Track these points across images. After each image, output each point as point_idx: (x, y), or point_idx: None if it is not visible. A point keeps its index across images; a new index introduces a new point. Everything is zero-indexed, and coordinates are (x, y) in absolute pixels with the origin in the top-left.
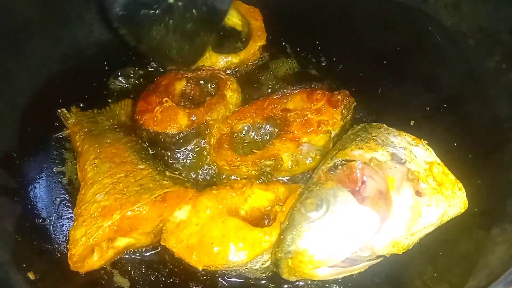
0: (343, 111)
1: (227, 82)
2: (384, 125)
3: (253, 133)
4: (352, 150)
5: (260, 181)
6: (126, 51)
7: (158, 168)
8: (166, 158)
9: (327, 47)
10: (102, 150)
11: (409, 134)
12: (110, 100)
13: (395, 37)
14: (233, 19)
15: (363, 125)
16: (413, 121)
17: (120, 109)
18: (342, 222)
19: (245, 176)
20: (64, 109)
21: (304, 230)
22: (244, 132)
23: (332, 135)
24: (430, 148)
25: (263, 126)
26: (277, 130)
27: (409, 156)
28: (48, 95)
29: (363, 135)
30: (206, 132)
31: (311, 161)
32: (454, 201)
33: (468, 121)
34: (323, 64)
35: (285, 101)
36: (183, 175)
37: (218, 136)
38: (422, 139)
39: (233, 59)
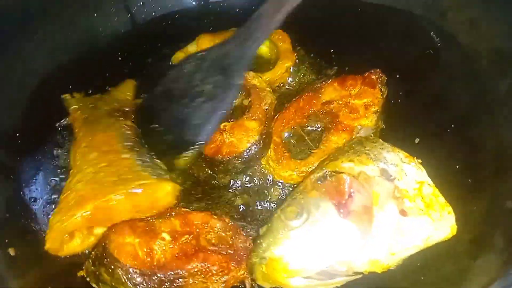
0: (382, 89)
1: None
2: (380, 140)
3: (302, 135)
4: (342, 162)
5: None
6: (142, 43)
7: (142, 158)
8: None
9: (341, 55)
10: (94, 137)
11: (403, 151)
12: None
13: (410, 52)
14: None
15: (359, 137)
16: (418, 139)
17: (120, 92)
18: (320, 234)
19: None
20: (68, 95)
21: (281, 238)
22: (293, 136)
23: (378, 114)
24: (422, 168)
25: (310, 125)
26: (323, 125)
27: (399, 174)
28: (58, 80)
29: (356, 148)
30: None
31: None
32: (441, 224)
33: (473, 144)
34: (333, 72)
35: (319, 95)
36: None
37: (272, 146)
38: (415, 158)
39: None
